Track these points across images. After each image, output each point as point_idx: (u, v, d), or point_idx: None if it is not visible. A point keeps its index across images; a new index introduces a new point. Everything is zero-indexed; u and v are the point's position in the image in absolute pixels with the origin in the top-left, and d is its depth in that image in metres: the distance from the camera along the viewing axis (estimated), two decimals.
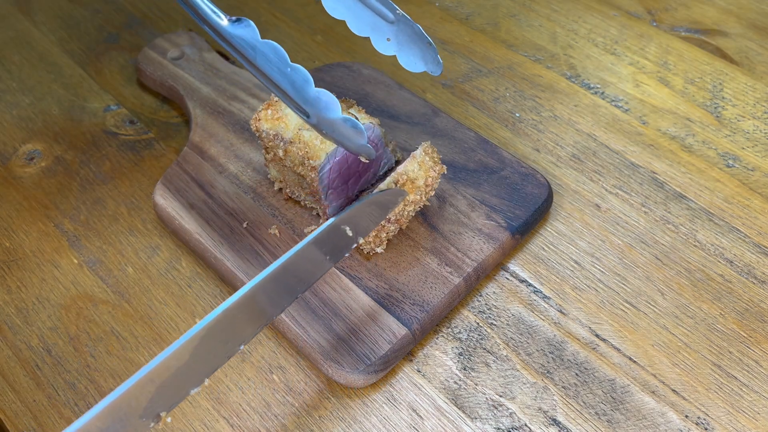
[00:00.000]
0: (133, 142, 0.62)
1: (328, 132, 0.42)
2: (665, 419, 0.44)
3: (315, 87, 0.41)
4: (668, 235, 0.54)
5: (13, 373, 0.48)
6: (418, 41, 0.48)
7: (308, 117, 0.42)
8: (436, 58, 0.48)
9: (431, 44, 0.47)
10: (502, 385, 0.46)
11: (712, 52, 0.68)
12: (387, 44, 0.48)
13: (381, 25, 0.48)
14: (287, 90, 0.42)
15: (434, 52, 0.47)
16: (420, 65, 0.48)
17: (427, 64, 0.48)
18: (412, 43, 0.48)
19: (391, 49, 0.48)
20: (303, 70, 0.41)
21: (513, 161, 0.56)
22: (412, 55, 0.48)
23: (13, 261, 0.54)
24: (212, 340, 0.38)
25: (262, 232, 0.52)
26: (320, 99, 0.41)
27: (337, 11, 0.48)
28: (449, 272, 0.49)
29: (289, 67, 0.41)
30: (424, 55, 0.48)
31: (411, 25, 0.47)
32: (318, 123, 0.42)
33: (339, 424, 0.45)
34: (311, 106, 0.42)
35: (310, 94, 0.41)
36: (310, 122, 0.42)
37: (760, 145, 0.60)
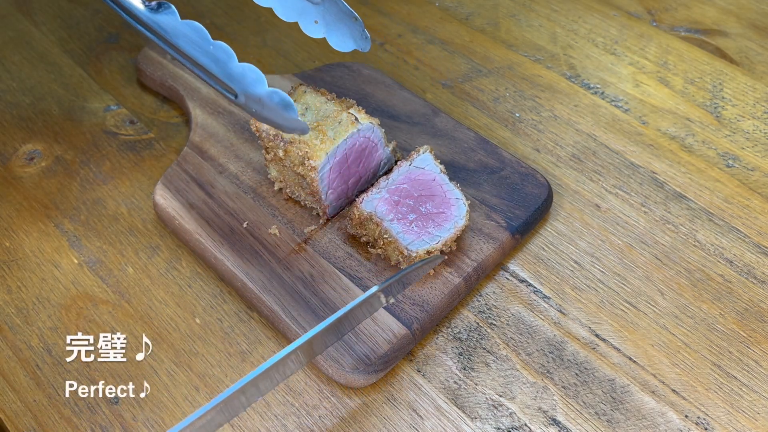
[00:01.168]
0: (133, 142, 0.62)
1: (258, 110, 0.42)
2: (665, 419, 0.44)
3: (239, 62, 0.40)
4: (668, 235, 0.54)
5: (13, 373, 0.48)
6: (344, 18, 0.47)
7: (236, 97, 0.41)
8: (363, 33, 0.47)
9: (357, 19, 0.46)
10: (502, 385, 0.46)
11: (712, 52, 0.68)
12: (315, 27, 0.47)
13: (307, 7, 0.47)
14: (211, 68, 0.41)
15: (361, 26, 0.46)
16: (349, 43, 0.48)
17: (356, 41, 0.47)
18: (339, 21, 0.47)
19: (320, 32, 0.47)
20: (225, 46, 0.41)
21: (513, 161, 0.56)
22: (341, 35, 0.47)
23: (14, 261, 0.54)
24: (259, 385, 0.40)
25: (262, 232, 0.52)
26: (245, 74, 0.41)
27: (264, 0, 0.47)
28: (449, 272, 0.49)
29: (211, 44, 0.41)
30: (352, 32, 0.47)
31: (336, 3, 0.46)
32: (246, 102, 0.41)
33: (339, 424, 0.45)
34: (237, 83, 0.41)
35: (235, 70, 0.41)
36: (238, 102, 0.41)
37: (760, 145, 0.60)
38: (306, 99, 0.51)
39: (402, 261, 0.49)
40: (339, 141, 0.49)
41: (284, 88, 0.62)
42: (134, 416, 0.46)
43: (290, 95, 0.52)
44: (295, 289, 0.49)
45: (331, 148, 0.49)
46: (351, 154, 0.51)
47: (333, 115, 0.50)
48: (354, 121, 0.50)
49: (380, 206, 0.49)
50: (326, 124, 0.50)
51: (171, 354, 0.48)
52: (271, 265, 0.50)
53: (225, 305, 0.51)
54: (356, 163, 0.52)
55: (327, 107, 0.51)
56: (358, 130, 0.50)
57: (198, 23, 0.41)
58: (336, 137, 0.49)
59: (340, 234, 0.52)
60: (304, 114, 0.51)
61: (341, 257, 0.50)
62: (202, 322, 0.50)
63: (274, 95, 0.41)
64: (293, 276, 0.50)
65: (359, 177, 0.53)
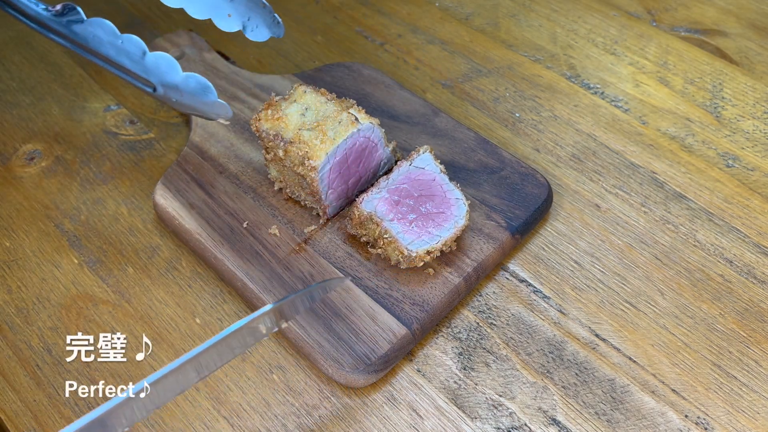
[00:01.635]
0: (133, 142, 0.62)
1: (178, 99, 0.41)
2: (665, 419, 0.44)
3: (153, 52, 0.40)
4: (668, 235, 0.54)
5: (13, 373, 0.48)
6: (255, 7, 0.47)
7: (154, 90, 0.41)
8: (275, 19, 0.47)
9: (266, 5, 0.46)
10: (502, 385, 0.46)
11: (712, 52, 0.68)
12: (229, 21, 0.47)
13: (219, 2, 0.47)
14: (125, 64, 0.41)
15: (270, 12, 0.46)
16: (265, 32, 0.47)
17: (270, 29, 0.47)
18: (251, 11, 0.47)
19: (235, 25, 0.47)
20: (136, 39, 0.40)
21: (513, 161, 0.56)
22: (256, 25, 0.47)
23: (14, 261, 0.54)
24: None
25: (262, 232, 0.52)
26: (158, 64, 0.40)
27: (173, 0, 0.47)
28: (449, 272, 0.49)
29: (121, 39, 0.40)
30: (265, 19, 0.47)
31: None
32: (165, 93, 0.41)
33: (339, 424, 0.45)
34: (152, 74, 0.40)
35: (148, 61, 0.40)
36: (157, 95, 0.41)
37: (760, 145, 0.60)
38: (306, 99, 0.51)
39: (402, 261, 0.49)
40: (339, 141, 0.49)
41: (284, 88, 0.62)
42: None
43: (290, 95, 0.52)
44: (295, 289, 0.49)
45: (331, 148, 0.49)
46: (351, 154, 0.51)
47: (333, 115, 0.50)
48: (354, 121, 0.50)
49: (380, 206, 0.49)
50: (326, 124, 0.50)
51: (171, 354, 0.48)
52: (271, 265, 0.50)
53: (225, 305, 0.51)
54: (356, 163, 0.52)
55: (327, 107, 0.51)
56: (358, 130, 0.50)
57: (104, 19, 0.40)
58: (336, 137, 0.49)
59: (340, 234, 0.52)
60: (304, 114, 0.51)
61: (341, 257, 0.50)
62: (202, 322, 0.50)
63: (190, 79, 0.41)
64: (293, 276, 0.50)
65: (359, 177, 0.53)
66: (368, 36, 0.71)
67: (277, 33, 0.47)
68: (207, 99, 0.42)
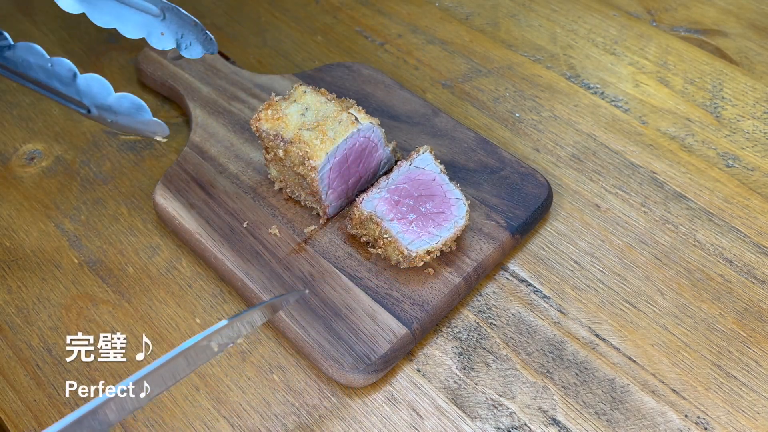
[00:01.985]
0: (133, 142, 0.62)
1: (113, 120, 0.41)
2: (665, 419, 0.44)
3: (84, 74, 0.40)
4: (668, 235, 0.54)
5: (13, 373, 0.48)
6: (187, 25, 0.47)
7: (88, 111, 0.41)
8: (207, 36, 0.47)
9: (197, 23, 0.47)
10: (502, 385, 0.46)
11: (712, 52, 0.68)
12: (163, 39, 0.47)
13: (151, 21, 0.47)
14: (57, 87, 0.41)
15: (202, 30, 0.47)
16: (198, 50, 0.48)
17: (204, 46, 0.48)
18: (183, 29, 0.47)
19: (169, 43, 0.48)
20: (66, 61, 0.40)
21: (513, 161, 0.56)
22: (189, 42, 0.48)
23: (14, 261, 0.54)
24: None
25: (262, 232, 0.52)
26: (90, 86, 0.40)
27: (104, 20, 0.47)
28: (449, 272, 0.49)
29: (50, 62, 0.40)
30: (198, 37, 0.47)
31: (176, 11, 0.47)
32: (99, 114, 0.41)
33: (339, 424, 0.45)
34: (85, 96, 0.40)
35: (79, 83, 0.40)
36: (92, 117, 0.41)
37: (760, 145, 0.60)
38: (306, 99, 0.51)
39: (402, 261, 0.49)
40: (339, 141, 0.49)
41: (284, 88, 0.62)
42: (134, 416, 0.46)
43: (290, 95, 0.52)
44: (295, 289, 0.49)
45: (331, 148, 0.49)
46: (351, 154, 0.51)
47: (333, 115, 0.50)
48: (354, 121, 0.50)
49: (380, 206, 0.49)
50: (326, 124, 0.50)
51: None
52: (271, 265, 0.50)
53: (225, 305, 0.51)
54: (356, 163, 0.52)
55: (327, 107, 0.51)
56: (358, 130, 0.50)
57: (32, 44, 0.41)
58: (336, 137, 0.49)
59: (340, 234, 0.52)
60: (304, 114, 0.51)
61: (341, 257, 0.51)
62: (202, 321, 0.50)
63: (123, 100, 0.41)
64: (293, 276, 0.50)
65: (359, 177, 0.53)
66: (368, 36, 0.71)
67: (210, 50, 0.48)
68: (142, 118, 0.42)
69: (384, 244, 0.49)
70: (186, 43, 0.47)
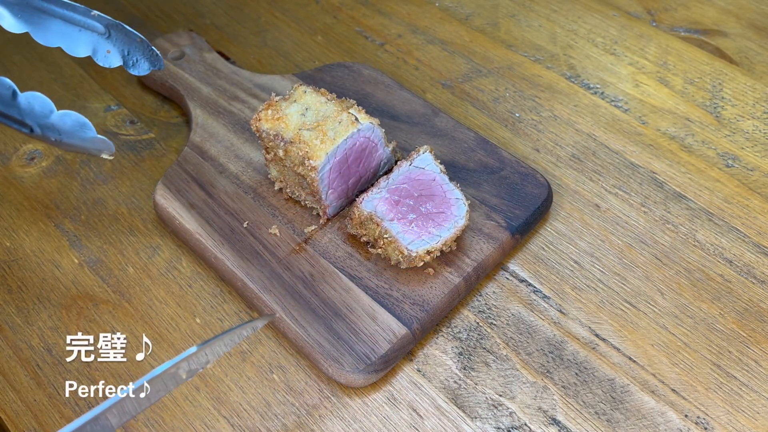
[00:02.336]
0: (133, 142, 0.62)
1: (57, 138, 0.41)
2: (665, 419, 0.44)
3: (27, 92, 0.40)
4: (668, 235, 0.54)
5: (13, 373, 0.48)
6: (131, 42, 0.47)
7: (32, 131, 0.41)
8: (152, 51, 0.47)
9: (143, 40, 0.47)
10: (502, 385, 0.46)
11: (712, 52, 0.68)
12: (109, 57, 0.48)
13: (96, 39, 0.47)
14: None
15: (147, 46, 0.47)
16: (145, 66, 0.48)
17: (150, 62, 0.48)
18: (129, 45, 0.47)
19: (116, 61, 0.48)
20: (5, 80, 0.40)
21: (513, 161, 0.56)
22: (136, 59, 0.48)
23: (14, 261, 0.54)
24: None
25: (262, 232, 0.52)
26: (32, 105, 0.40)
27: (49, 40, 0.47)
28: (449, 272, 0.49)
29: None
30: (144, 52, 0.47)
31: (121, 28, 0.47)
32: (43, 133, 0.41)
33: (339, 424, 0.45)
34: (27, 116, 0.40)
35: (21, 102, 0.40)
36: (36, 136, 0.40)
37: (760, 145, 0.60)
38: (306, 99, 0.51)
39: (402, 261, 0.49)
40: (339, 141, 0.49)
41: (284, 88, 0.62)
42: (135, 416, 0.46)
43: (290, 95, 0.52)
44: (295, 289, 0.49)
45: (331, 148, 0.49)
46: (351, 154, 0.51)
47: (333, 115, 0.50)
48: (354, 121, 0.50)
49: (380, 206, 0.49)
50: (326, 124, 0.50)
51: (171, 354, 0.48)
52: (271, 265, 0.50)
53: (225, 305, 0.51)
54: (356, 163, 0.52)
55: (327, 107, 0.51)
56: (358, 130, 0.50)
57: None
58: (336, 137, 0.49)
59: (340, 234, 0.52)
60: (304, 114, 0.51)
61: (341, 257, 0.51)
62: (202, 321, 0.50)
63: (65, 118, 0.40)
64: (293, 276, 0.50)
65: (359, 177, 0.53)
66: (368, 36, 0.71)
67: (157, 65, 0.48)
68: (86, 136, 0.41)
69: (384, 244, 0.49)
70: (132, 59, 0.47)
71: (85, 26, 0.46)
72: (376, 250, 0.50)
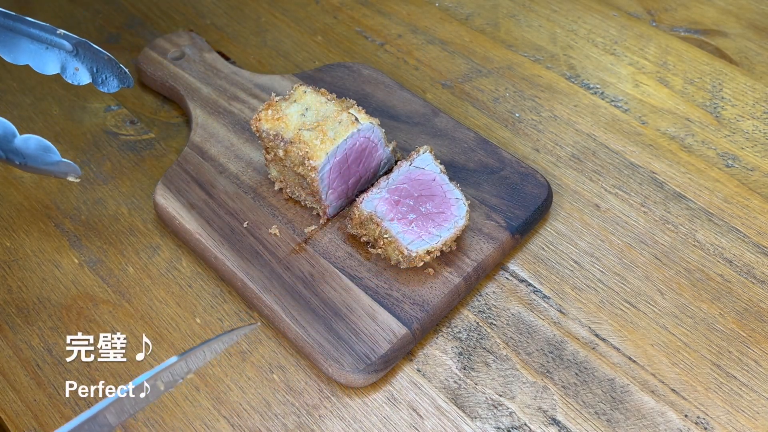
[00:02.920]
0: (133, 142, 0.62)
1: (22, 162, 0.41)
2: (665, 419, 0.44)
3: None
4: (668, 235, 0.54)
5: (13, 373, 0.48)
6: (100, 60, 0.48)
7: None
8: (121, 69, 0.48)
9: (111, 58, 0.47)
10: (502, 385, 0.46)
11: (712, 53, 0.68)
12: (77, 74, 0.48)
13: (64, 57, 0.48)
14: None
15: (115, 64, 0.47)
16: (115, 83, 0.49)
17: (119, 79, 0.48)
18: (96, 63, 0.48)
19: (85, 78, 0.48)
20: None
21: (513, 161, 0.56)
22: (105, 77, 0.48)
23: (14, 261, 0.54)
24: None
25: (262, 232, 0.52)
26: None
27: (17, 58, 0.47)
28: (449, 272, 0.49)
29: None
30: (113, 70, 0.48)
31: (88, 47, 0.47)
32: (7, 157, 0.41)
33: (339, 424, 0.45)
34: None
35: None
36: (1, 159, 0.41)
37: (760, 145, 0.60)
38: (306, 99, 0.51)
39: (402, 261, 0.49)
40: (339, 141, 0.49)
41: (285, 88, 0.62)
42: (134, 416, 0.46)
43: (290, 95, 0.52)
44: (295, 288, 0.49)
45: (331, 148, 0.49)
46: (351, 154, 0.51)
47: (333, 116, 0.50)
48: (354, 121, 0.50)
49: (380, 206, 0.49)
50: (326, 124, 0.50)
51: (171, 354, 0.48)
52: (271, 265, 0.50)
53: (225, 305, 0.51)
54: (356, 163, 0.52)
55: (327, 107, 0.51)
56: (358, 130, 0.50)
57: None
58: (336, 137, 0.49)
59: (340, 234, 0.52)
60: (304, 114, 0.51)
61: (341, 257, 0.51)
62: (202, 321, 0.50)
63: (29, 142, 0.40)
64: (293, 276, 0.50)
65: (359, 177, 0.53)
66: (368, 36, 0.71)
67: (126, 83, 0.49)
68: (50, 160, 0.42)
69: (384, 244, 0.49)
70: (101, 77, 0.48)
71: (52, 44, 0.47)
72: (376, 250, 0.50)
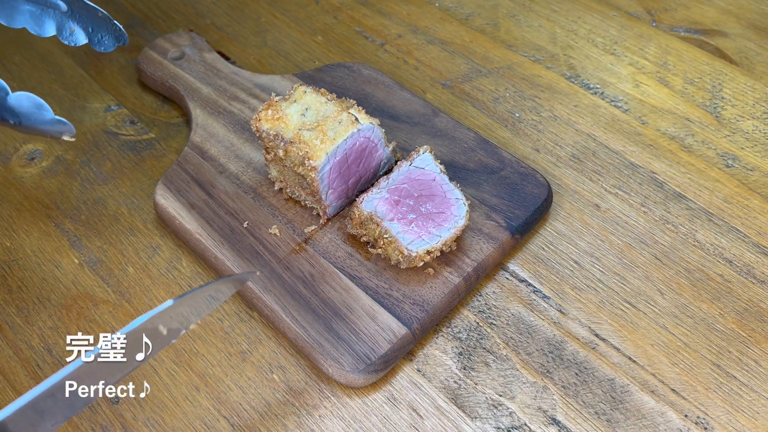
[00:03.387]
0: (133, 142, 0.62)
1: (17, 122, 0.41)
2: (665, 418, 0.44)
3: None
4: (668, 235, 0.54)
5: (13, 373, 0.48)
6: (94, 18, 0.48)
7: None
8: (116, 27, 0.48)
9: (104, 14, 0.47)
10: (502, 385, 0.46)
11: (712, 53, 0.68)
12: (74, 35, 0.48)
13: (60, 18, 0.48)
14: None
15: (110, 20, 0.47)
16: (111, 43, 0.49)
17: (116, 38, 0.48)
18: (91, 21, 0.48)
19: (81, 38, 0.48)
20: None
21: (513, 161, 0.56)
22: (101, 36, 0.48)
23: (14, 261, 0.54)
24: None
25: (262, 232, 0.52)
26: None
27: (15, 20, 0.47)
28: (449, 272, 0.49)
29: None
30: (108, 29, 0.48)
31: (82, 4, 0.47)
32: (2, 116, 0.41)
33: (339, 424, 0.45)
34: None
35: None
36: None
37: (760, 145, 0.60)
38: (306, 99, 0.51)
39: (402, 261, 0.49)
40: (339, 141, 0.49)
41: (285, 88, 0.62)
42: (134, 416, 0.46)
43: (290, 95, 0.52)
44: (295, 288, 0.49)
45: (331, 148, 0.49)
46: (351, 154, 0.51)
47: (333, 116, 0.50)
48: (354, 121, 0.50)
49: (380, 206, 0.49)
50: (326, 124, 0.50)
51: (171, 354, 0.48)
52: (271, 265, 0.50)
53: (225, 305, 0.51)
54: (356, 163, 0.52)
55: (327, 107, 0.51)
56: (358, 130, 0.50)
57: None
58: (336, 137, 0.49)
59: (341, 234, 0.52)
60: (304, 114, 0.51)
61: (341, 257, 0.51)
62: (202, 321, 0.50)
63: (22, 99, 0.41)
64: (293, 276, 0.50)
65: (359, 177, 0.53)
66: (368, 36, 0.71)
67: (122, 41, 0.49)
68: (44, 118, 0.42)
69: (384, 244, 0.49)
70: (97, 37, 0.48)
71: (48, 5, 0.47)
72: (376, 250, 0.50)
